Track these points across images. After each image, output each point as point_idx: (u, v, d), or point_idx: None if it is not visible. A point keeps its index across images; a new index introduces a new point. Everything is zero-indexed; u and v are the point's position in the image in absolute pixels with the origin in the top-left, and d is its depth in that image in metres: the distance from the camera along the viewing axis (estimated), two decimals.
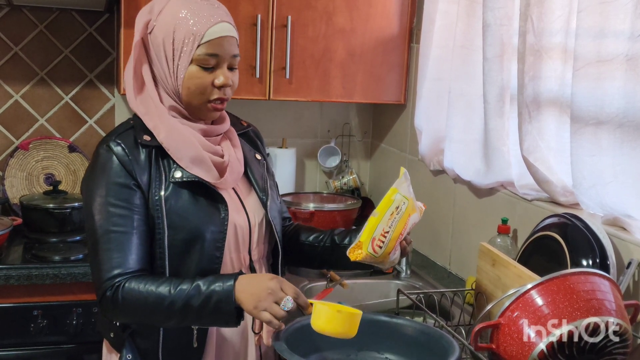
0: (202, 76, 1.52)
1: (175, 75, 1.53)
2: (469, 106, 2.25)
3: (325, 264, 1.79)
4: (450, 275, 2.44)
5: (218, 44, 1.51)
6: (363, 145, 3.20)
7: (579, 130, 1.73)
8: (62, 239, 2.54)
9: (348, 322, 1.40)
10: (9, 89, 2.76)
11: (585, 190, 1.75)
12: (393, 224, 1.51)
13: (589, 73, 1.69)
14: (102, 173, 1.51)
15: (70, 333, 2.28)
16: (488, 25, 2.05)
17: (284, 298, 1.41)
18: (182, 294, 1.44)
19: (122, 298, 1.45)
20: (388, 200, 1.52)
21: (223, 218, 1.56)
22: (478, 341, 1.37)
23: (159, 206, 1.52)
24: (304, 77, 2.66)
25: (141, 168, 1.52)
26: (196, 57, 1.51)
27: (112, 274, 1.47)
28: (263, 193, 1.67)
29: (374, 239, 1.50)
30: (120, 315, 1.52)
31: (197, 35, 1.49)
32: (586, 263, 1.58)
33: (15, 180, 2.75)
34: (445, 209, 2.48)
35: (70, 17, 2.78)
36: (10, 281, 2.22)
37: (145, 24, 1.54)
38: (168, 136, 1.53)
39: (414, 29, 2.74)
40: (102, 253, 1.48)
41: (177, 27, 1.50)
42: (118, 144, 1.52)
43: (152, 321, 1.52)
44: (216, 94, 1.54)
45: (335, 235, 1.75)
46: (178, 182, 1.53)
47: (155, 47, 1.53)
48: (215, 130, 1.61)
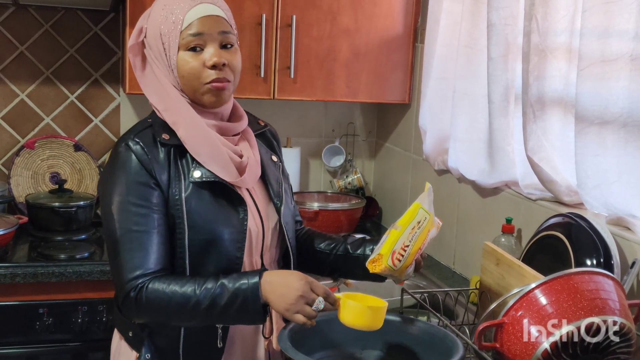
0: (192, 59, 1.50)
1: (171, 68, 1.53)
2: (473, 106, 2.25)
3: (336, 272, 1.78)
4: (454, 275, 2.45)
5: (200, 24, 1.50)
6: (367, 145, 3.21)
7: (584, 130, 1.73)
8: (68, 237, 2.55)
9: (377, 316, 1.43)
10: (15, 88, 2.77)
11: (590, 190, 1.75)
12: (413, 239, 1.50)
13: (594, 73, 1.69)
14: (121, 172, 1.50)
15: (75, 331, 2.29)
16: (493, 24, 2.05)
17: (316, 299, 1.41)
18: (208, 294, 1.44)
19: (145, 299, 1.45)
20: (411, 215, 1.51)
21: (242, 219, 1.55)
22: (482, 340, 1.37)
23: (180, 206, 1.51)
24: (309, 76, 2.66)
25: (160, 167, 1.51)
26: (181, 42, 1.50)
27: (134, 274, 1.46)
28: (277, 198, 1.66)
29: (394, 252, 1.49)
30: (143, 316, 1.51)
31: (177, 23, 1.50)
32: (590, 263, 1.58)
33: (21, 179, 2.76)
34: (450, 209, 2.49)
35: (76, 16, 2.79)
36: (16, 279, 2.23)
37: (140, 30, 1.56)
38: (187, 131, 1.52)
39: (418, 29, 2.74)
40: (123, 253, 1.47)
41: (162, 22, 1.51)
42: (137, 143, 1.51)
43: (176, 321, 1.52)
44: (211, 75, 1.51)
45: (348, 245, 1.73)
46: (198, 182, 1.52)
47: (153, 50, 1.54)
48: (232, 128, 1.60)
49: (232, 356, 1.62)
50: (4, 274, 2.22)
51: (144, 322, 1.56)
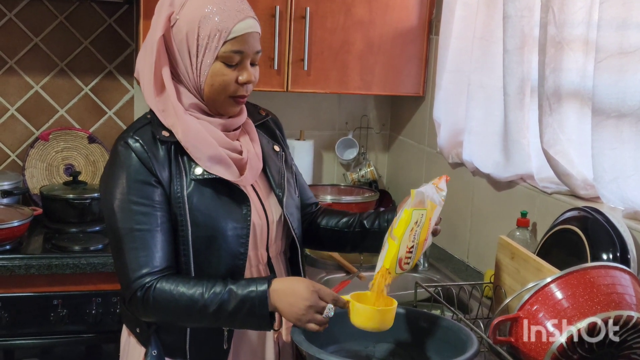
0: (226, 73, 1.49)
1: (198, 71, 1.50)
2: (488, 98, 2.24)
3: (357, 248, 1.80)
4: (468, 269, 2.44)
5: (243, 41, 1.49)
6: (381, 138, 3.20)
7: (600, 122, 1.71)
8: (82, 229, 2.56)
9: (385, 317, 1.43)
10: (30, 79, 2.78)
11: (606, 184, 1.74)
12: (416, 238, 1.48)
13: (611, 65, 1.67)
14: (121, 171, 1.49)
15: (89, 322, 2.30)
16: (509, 16, 2.03)
17: (325, 307, 1.42)
18: (216, 298, 1.44)
19: (153, 299, 1.45)
20: (405, 223, 1.46)
21: (245, 214, 1.55)
22: (497, 334, 1.37)
23: (182, 203, 1.50)
24: (322, 68, 2.65)
25: (160, 164, 1.50)
26: (221, 53, 1.48)
27: (140, 273, 1.46)
28: (279, 189, 1.65)
29: (400, 260, 1.46)
30: (150, 316, 1.51)
31: (223, 32, 1.46)
32: (606, 257, 1.57)
33: (36, 171, 2.78)
34: (464, 202, 2.47)
35: (90, 8, 2.79)
36: (30, 271, 2.24)
37: (168, 17, 1.50)
38: (185, 136, 1.50)
39: (433, 21, 2.72)
40: (128, 252, 1.47)
41: (202, 22, 1.47)
42: (136, 141, 1.50)
43: (183, 322, 1.53)
44: (239, 91, 1.52)
45: (364, 220, 1.73)
46: (199, 179, 1.51)
47: (177, 42, 1.50)
48: (233, 123, 1.59)
49: (241, 349, 1.63)
50: (19, 266, 2.23)
51: (153, 321, 1.56)
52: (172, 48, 1.51)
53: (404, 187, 3.03)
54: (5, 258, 2.25)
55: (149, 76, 1.51)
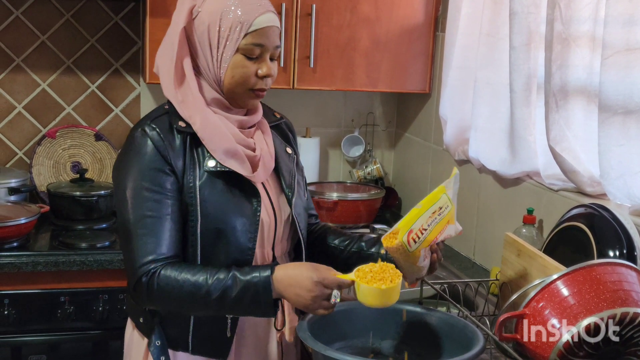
0: (247, 65, 1.51)
1: (218, 63, 1.51)
2: (494, 95, 2.23)
3: (350, 269, 1.77)
4: (474, 266, 2.43)
5: (264, 34, 1.51)
6: (387, 135, 3.19)
7: (607, 119, 1.71)
8: (89, 226, 2.57)
9: (391, 294, 1.44)
10: (36, 77, 2.79)
11: (613, 181, 1.73)
12: (432, 225, 1.47)
13: (618, 61, 1.66)
14: (136, 157, 1.50)
15: (96, 319, 2.31)
16: (515, 13, 2.03)
17: (331, 294, 1.43)
18: (219, 284, 1.44)
19: (157, 285, 1.46)
20: (434, 197, 1.48)
21: (255, 209, 1.55)
22: (503, 331, 1.37)
23: (193, 194, 1.51)
24: (328, 65, 2.65)
25: (176, 153, 1.51)
26: (242, 46, 1.50)
27: (146, 259, 1.47)
28: (289, 189, 1.65)
29: (412, 231, 1.45)
30: (154, 302, 1.52)
31: (244, 24, 1.48)
32: (613, 254, 1.56)
33: (43, 168, 2.78)
34: (470, 199, 2.47)
35: (97, 6, 2.80)
36: (37, 268, 2.25)
37: (190, 10, 1.52)
38: (203, 127, 1.51)
39: (439, 17, 2.72)
40: (136, 238, 1.48)
41: (224, 14, 1.49)
42: (153, 129, 1.51)
43: (186, 309, 1.53)
44: (258, 84, 1.54)
45: (363, 242, 1.72)
46: (212, 172, 1.52)
47: (199, 34, 1.51)
48: (249, 121, 1.60)
49: (243, 348, 1.63)
50: (26, 263, 2.24)
51: (156, 309, 1.56)
52: (193, 40, 1.53)
53: (410, 184, 3.03)
54: (12, 255, 2.26)
55: (169, 67, 1.53)
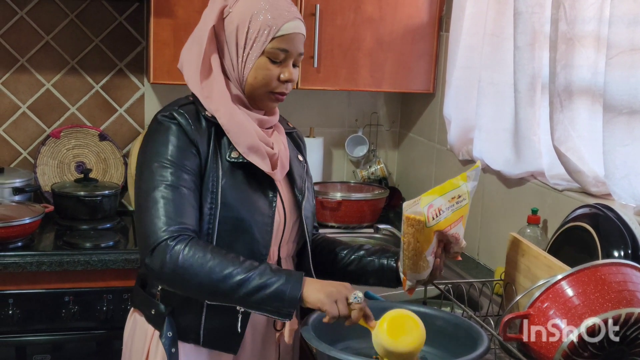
0: (270, 68, 1.55)
1: (243, 63, 1.55)
2: (499, 95, 2.23)
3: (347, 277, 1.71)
4: (478, 266, 2.43)
5: (290, 40, 1.54)
6: (391, 135, 3.19)
7: (612, 119, 1.70)
8: (93, 226, 2.57)
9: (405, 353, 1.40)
10: (41, 77, 2.79)
11: (618, 181, 1.73)
12: (449, 210, 1.47)
13: (623, 61, 1.66)
14: (163, 137, 1.52)
15: (100, 319, 2.31)
16: (519, 12, 2.02)
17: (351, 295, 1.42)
18: (250, 265, 1.44)
19: (187, 249, 1.42)
20: (455, 183, 1.49)
21: (271, 204, 1.59)
22: (507, 332, 1.36)
23: (215, 182, 1.53)
24: (332, 66, 2.65)
25: (202, 138, 1.54)
26: (268, 49, 1.53)
27: (175, 222, 1.45)
28: (300, 193, 1.68)
29: (432, 205, 1.44)
30: (172, 269, 1.44)
31: (273, 28, 1.52)
32: (618, 254, 1.56)
33: (47, 168, 2.79)
34: (474, 199, 2.43)
35: (101, 6, 2.80)
36: (42, 267, 2.25)
37: (221, 10, 1.56)
38: (228, 121, 1.55)
39: (443, 17, 2.72)
40: (164, 204, 1.46)
41: (254, 16, 1.53)
42: (181, 114, 1.54)
43: (201, 287, 1.45)
44: (279, 88, 1.57)
45: (363, 250, 1.73)
46: (234, 163, 1.55)
47: (227, 34, 1.56)
48: (268, 121, 1.64)
49: (246, 345, 1.63)
50: (30, 262, 2.24)
51: (169, 281, 1.48)
52: (221, 39, 1.57)
53: (413, 184, 3.03)
54: (16, 255, 2.26)
55: (196, 63, 1.56)
